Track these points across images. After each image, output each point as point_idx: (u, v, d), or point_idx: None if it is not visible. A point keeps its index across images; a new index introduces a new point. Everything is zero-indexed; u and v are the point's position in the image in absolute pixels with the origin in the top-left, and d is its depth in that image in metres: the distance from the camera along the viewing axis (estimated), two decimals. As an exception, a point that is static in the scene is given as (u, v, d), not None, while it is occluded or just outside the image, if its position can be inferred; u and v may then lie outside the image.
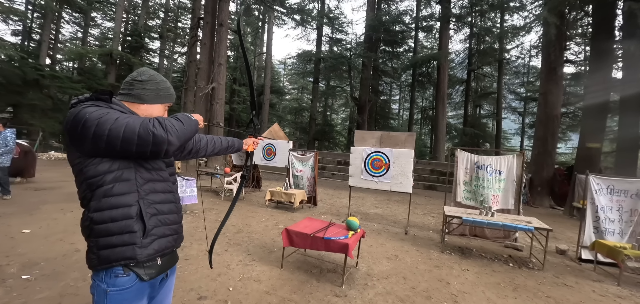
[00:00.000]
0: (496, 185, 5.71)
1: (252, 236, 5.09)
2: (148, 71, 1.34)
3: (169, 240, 1.33)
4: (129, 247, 1.18)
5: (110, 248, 1.16)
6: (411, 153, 5.96)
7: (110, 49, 21.28)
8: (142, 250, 1.21)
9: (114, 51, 20.83)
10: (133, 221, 1.19)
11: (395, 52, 26.86)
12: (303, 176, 7.84)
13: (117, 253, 1.16)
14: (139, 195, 1.21)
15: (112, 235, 1.16)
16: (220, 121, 15.66)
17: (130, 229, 1.18)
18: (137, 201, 1.20)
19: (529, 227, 4.47)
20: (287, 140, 8.59)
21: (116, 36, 21.63)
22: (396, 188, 6.06)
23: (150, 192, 1.26)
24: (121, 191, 1.18)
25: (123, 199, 1.18)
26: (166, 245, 1.32)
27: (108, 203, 1.16)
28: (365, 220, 6.81)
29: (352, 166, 6.48)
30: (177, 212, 1.40)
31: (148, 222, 1.22)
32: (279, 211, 7.00)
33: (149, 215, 1.23)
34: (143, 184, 1.23)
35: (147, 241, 1.22)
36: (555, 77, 11.32)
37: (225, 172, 8.51)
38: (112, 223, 1.16)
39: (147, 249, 1.22)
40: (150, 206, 1.24)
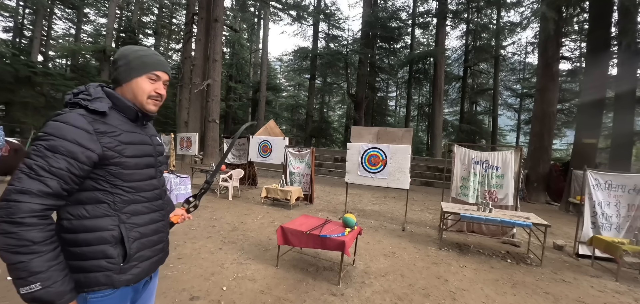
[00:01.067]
0: (494, 181, 5.66)
1: (247, 234, 4.99)
2: (120, 49, 1.20)
3: (152, 262, 1.24)
4: (104, 274, 1.08)
5: (83, 272, 1.07)
6: (408, 149, 5.89)
7: (103, 46, 20.96)
8: (120, 276, 1.11)
9: (107, 48, 20.49)
10: (110, 246, 1.09)
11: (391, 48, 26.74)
12: (300, 173, 7.75)
13: (91, 279, 1.07)
14: (119, 219, 1.11)
15: (86, 260, 1.07)
16: (216, 118, 15.48)
17: (106, 254, 1.08)
18: (118, 226, 1.11)
19: (527, 223, 4.43)
20: (283, 137, 8.49)
21: (109, 32, 21.29)
22: (393, 185, 6.00)
23: (133, 215, 1.16)
24: (96, 213, 1.08)
25: (99, 222, 1.08)
26: (149, 268, 1.23)
27: (82, 226, 1.06)
28: (362, 216, 6.75)
29: (349, 162, 6.40)
30: (163, 230, 1.31)
31: (130, 247, 1.13)
32: (275, 209, 6.91)
33: (131, 239, 1.13)
34: (124, 207, 1.13)
35: (127, 266, 1.13)
36: (551, 73, 11.30)
37: (220, 169, 8.39)
38: (86, 247, 1.07)
39: (125, 275, 1.13)
40: (133, 230, 1.14)
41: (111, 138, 1.08)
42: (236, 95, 31.05)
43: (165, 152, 12.61)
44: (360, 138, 6.34)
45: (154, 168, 1.27)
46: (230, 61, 30.61)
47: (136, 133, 1.19)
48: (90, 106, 1.06)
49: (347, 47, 25.10)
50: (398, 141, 6.01)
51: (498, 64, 24.55)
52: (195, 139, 10.94)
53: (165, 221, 1.34)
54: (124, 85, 1.18)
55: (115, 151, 1.09)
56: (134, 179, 1.16)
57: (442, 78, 20.57)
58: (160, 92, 1.22)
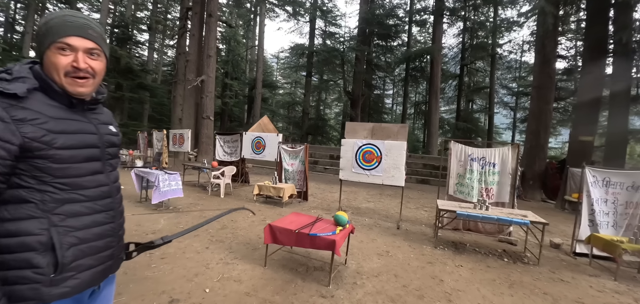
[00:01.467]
0: (490, 178, 5.52)
1: (237, 232, 4.81)
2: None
3: (95, 272, 1.04)
4: (30, 286, 0.90)
5: (8, 285, 0.89)
6: (403, 145, 5.73)
7: (96, 41, 20.48)
8: (51, 289, 0.93)
9: (100, 43, 20.05)
10: (36, 254, 0.90)
11: (388, 46, 26.61)
12: (294, 170, 7.56)
13: (16, 293, 0.89)
14: (50, 222, 0.92)
15: (10, 269, 0.89)
16: (210, 115, 15.22)
17: (32, 264, 0.90)
18: (47, 229, 0.92)
19: (525, 221, 4.29)
20: (277, 133, 8.29)
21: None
22: (388, 182, 5.84)
23: (70, 216, 0.97)
24: (19, 215, 0.90)
25: (22, 226, 0.90)
26: (91, 279, 1.03)
27: (4, 230, 0.89)
28: (357, 214, 6.59)
29: (343, 159, 6.23)
30: (112, 234, 1.11)
31: (63, 255, 0.94)
32: (268, 206, 6.73)
33: (66, 246, 0.94)
34: (56, 207, 0.94)
35: (60, 278, 0.94)
36: (548, 70, 11.20)
37: (212, 166, 8.19)
38: (9, 255, 0.88)
39: (58, 288, 0.94)
40: (68, 235, 0.95)
41: (34, 127, 0.89)
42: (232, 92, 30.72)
43: (158, 149, 12.37)
44: (355, 134, 6.17)
45: (100, 161, 1.08)
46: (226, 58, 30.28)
47: (72, 120, 1.00)
48: (5, 88, 0.87)
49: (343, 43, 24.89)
50: (393, 137, 5.85)
51: (494, 62, 24.49)
52: (187, 135, 10.71)
53: (116, 223, 1.14)
54: (44, 60, 0.97)
55: (41, 142, 0.90)
56: (70, 174, 0.97)
57: (439, 76, 20.45)
58: (79, 66, 0.96)
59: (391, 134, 5.85)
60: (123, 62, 21.66)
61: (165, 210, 5.85)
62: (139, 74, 22.59)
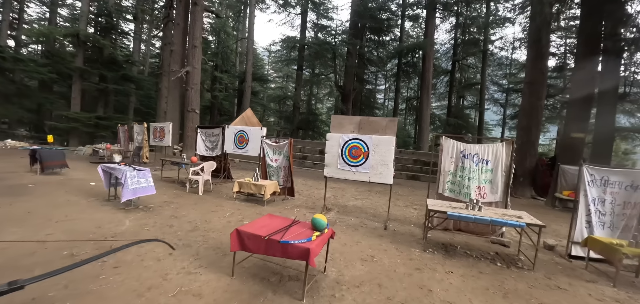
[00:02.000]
0: (483, 176, 5.18)
1: (208, 235, 4.35)
2: None
3: None
4: None
5: None
6: (392, 140, 5.33)
7: (76, 29, 19.53)
8: None
9: (81, 32, 19.10)
10: None
11: (381, 40, 26.21)
12: (278, 166, 7.11)
13: None
14: None
15: None
16: (196, 108, 14.61)
17: None
18: None
19: (520, 223, 3.95)
20: (260, 127, 7.81)
21: (84, 16, 19.84)
22: (375, 179, 5.45)
23: None
24: None
25: None
26: None
27: None
28: (343, 213, 6.19)
29: (328, 154, 5.81)
30: None
31: None
32: (248, 205, 6.27)
33: None
34: None
35: None
36: (540, 66, 10.96)
37: (191, 161, 7.67)
38: None
39: None
40: None
41: None
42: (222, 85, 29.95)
43: (138, 143, 11.74)
44: (341, 128, 5.74)
45: None
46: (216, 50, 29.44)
47: None
48: None
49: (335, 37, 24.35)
50: (381, 131, 5.44)
51: (486, 58, 24.33)
52: (168, 129, 10.12)
53: None
54: None
55: None
56: None
57: (431, 71, 20.15)
58: None
59: (379, 128, 5.45)
60: (106, 52, 20.71)
61: (134, 210, 5.34)
62: (124, 65, 21.64)
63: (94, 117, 20.04)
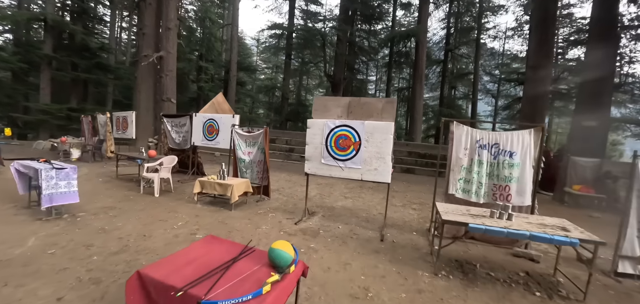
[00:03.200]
0: (506, 172, 4.00)
1: (136, 260, 3.04)
2: None
3: None
4: None
5: None
6: (390, 127, 4.08)
7: (43, 14, 17.55)
8: None
9: (49, 16, 17.15)
10: None
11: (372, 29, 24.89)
12: (251, 161, 5.80)
13: None
14: None
15: None
16: (172, 97, 13.06)
17: None
18: None
19: (572, 240, 2.77)
20: (232, 114, 6.46)
21: None
22: (369, 177, 4.20)
23: None
24: None
25: None
26: None
27: None
28: (329, 218, 4.94)
29: (310, 146, 4.53)
30: None
31: None
32: (211, 210, 4.95)
33: None
34: None
35: None
36: (546, 49, 9.85)
37: (149, 156, 6.29)
38: None
39: None
40: None
41: None
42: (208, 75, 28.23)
43: (101, 135, 10.22)
44: (326, 113, 4.45)
45: None
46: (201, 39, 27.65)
47: None
48: None
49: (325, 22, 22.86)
50: (376, 116, 4.18)
51: (479, 48, 23.32)
52: (131, 119, 8.66)
53: None
54: None
55: None
56: None
57: (424, 59, 18.97)
58: None
59: (374, 112, 4.19)
60: (78, 38, 18.79)
61: (54, 220, 3.97)
62: (97, 53, 19.73)
63: (65, 108, 18.22)
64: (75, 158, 9.39)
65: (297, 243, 3.73)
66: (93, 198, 5.17)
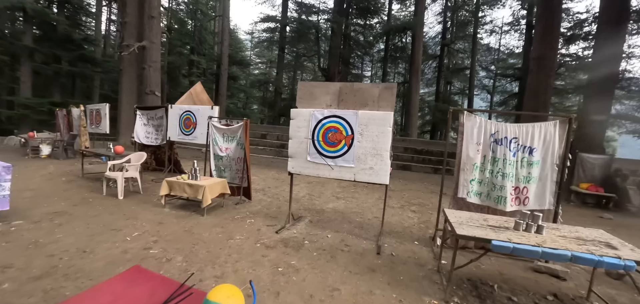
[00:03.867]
0: (524, 171, 3.32)
1: (62, 287, 2.29)
2: None
3: None
4: None
5: None
6: (389, 118, 3.37)
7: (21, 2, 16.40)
8: None
9: (28, 4, 16.04)
10: None
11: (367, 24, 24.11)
12: (229, 157, 5.05)
13: None
14: None
15: None
16: (156, 89, 12.20)
17: None
18: None
19: (627, 263, 2.09)
20: (211, 106, 5.69)
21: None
22: (364, 177, 3.49)
23: None
24: None
25: None
26: None
27: None
28: (317, 224, 4.23)
29: (293, 140, 3.79)
30: None
31: None
32: (179, 215, 4.21)
33: None
34: None
35: None
36: (551, 39, 9.22)
37: (115, 152, 5.50)
38: None
39: None
40: None
41: None
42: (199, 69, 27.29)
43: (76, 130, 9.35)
44: (312, 101, 3.72)
45: None
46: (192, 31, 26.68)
47: None
48: None
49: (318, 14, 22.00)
50: (372, 105, 3.46)
51: (476, 42, 22.71)
52: (105, 112, 7.82)
53: None
54: None
55: None
56: None
57: (420, 53, 18.28)
58: None
59: (369, 100, 3.46)
60: (60, 29, 17.70)
61: (-22, 231, 3.20)
62: (81, 44, 18.64)
63: (47, 102, 17.18)
64: (45, 155, 8.54)
65: (275, 259, 3.02)
66: (44, 201, 4.39)
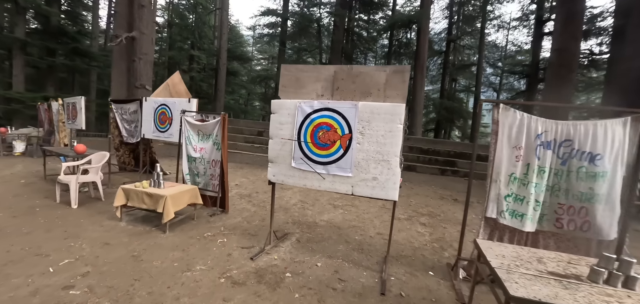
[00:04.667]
0: (582, 186, 2.42)
1: None
2: None
3: None
4: None
5: None
6: (400, 111, 2.47)
7: (12, -7, 15.66)
8: None
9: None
10: None
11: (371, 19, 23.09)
12: (204, 159, 4.18)
13: None
14: None
15: None
16: (147, 83, 11.38)
17: None
18: None
19: None
20: (189, 98, 4.83)
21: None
22: (364, 191, 2.60)
23: None
24: None
25: None
26: None
27: None
28: (305, 246, 3.36)
29: (274, 141, 2.92)
30: None
31: None
32: (135, 231, 3.35)
33: None
34: None
35: None
36: (573, 29, 8.22)
37: (75, 151, 4.67)
38: None
39: None
40: None
41: None
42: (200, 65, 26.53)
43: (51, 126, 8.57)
44: (299, 90, 2.83)
45: None
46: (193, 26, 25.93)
47: None
48: None
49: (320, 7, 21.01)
50: (378, 94, 2.57)
51: (483, 37, 21.59)
52: (80, 105, 6.99)
53: None
54: None
55: None
56: None
57: (426, 48, 17.23)
58: None
59: (373, 87, 2.57)
60: (53, 21, 16.96)
61: None
62: (75, 37, 17.87)
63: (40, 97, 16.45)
64: (19, 152, 7.77)
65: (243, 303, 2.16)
66: (-23, 211, 3.58)
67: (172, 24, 26.64)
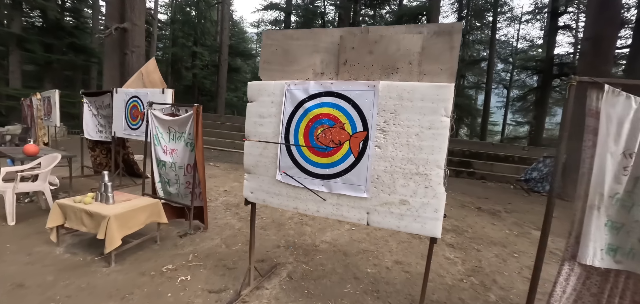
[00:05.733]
0: None
1: None
2: None
3: None
4: None
5: None
6: (446, 95, 1.52)
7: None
8: None
9: (6, -14, 14.61)
10: None
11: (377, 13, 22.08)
12: (175, 165, 3.27)
13: None
14: None
15: None
16: (139, 78, 10.55)
17: None
18: None
19: None
20: (163, 88, 3.92)
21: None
22: (387, 220, 1.66)
23: None
24: None
25: None
26: None
27: None
28: (298, 286, 2.44)
29: (250, 144, 1.99)
30: None
31: None
32: (71, 263, 2.46)
33: None
34: None
35: None
36: (610, 14, 7.11)
37: (24, 153, 3.81)
38: None
39: None
40: None
41: None
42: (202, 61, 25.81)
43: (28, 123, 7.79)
44: (288, 66, 1.89)
45: None
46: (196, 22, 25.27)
47: None
48: None
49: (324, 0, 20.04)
50: (410, 70, 1.61)
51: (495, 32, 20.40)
52: (54, 100, 6.18)
53: None
54: None
55: None
56: None
57: (435, 42, 16.16)
58: None
59: (401, 60, 1.62)
60: (50, 16, 16.26)
61: None
62: (73, 32, 17.16)
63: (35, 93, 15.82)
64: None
65: None
66: None
67: (174, 20, 25.95)
